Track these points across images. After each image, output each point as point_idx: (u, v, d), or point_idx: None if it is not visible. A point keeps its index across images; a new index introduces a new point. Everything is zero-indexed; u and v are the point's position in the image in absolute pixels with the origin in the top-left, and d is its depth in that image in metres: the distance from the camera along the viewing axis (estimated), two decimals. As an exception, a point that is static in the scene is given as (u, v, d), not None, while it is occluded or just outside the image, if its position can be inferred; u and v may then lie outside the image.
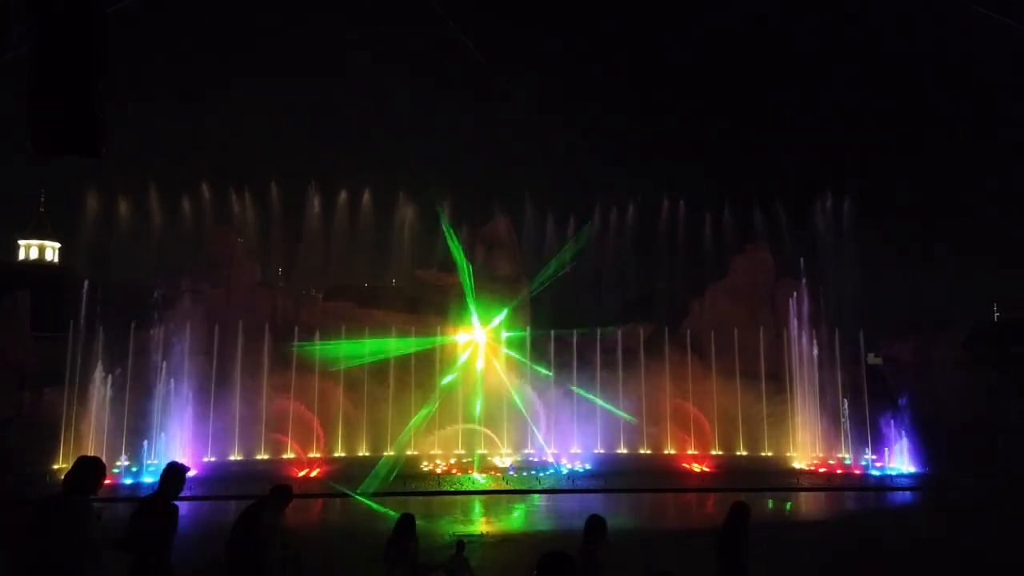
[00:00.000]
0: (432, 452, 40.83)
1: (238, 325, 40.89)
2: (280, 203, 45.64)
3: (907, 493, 34.41)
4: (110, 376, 36.65)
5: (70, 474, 6.52)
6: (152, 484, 31.80)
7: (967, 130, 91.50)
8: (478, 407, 42.88)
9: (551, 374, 44.13)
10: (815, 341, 43.03)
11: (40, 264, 64.63)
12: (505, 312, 45.86)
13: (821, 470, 39.80)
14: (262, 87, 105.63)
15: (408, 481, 33.68)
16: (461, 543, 10.97)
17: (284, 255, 47.72)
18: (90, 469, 6.53)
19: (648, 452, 42.96)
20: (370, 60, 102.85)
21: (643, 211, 48.59)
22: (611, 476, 35.51)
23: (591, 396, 42.83)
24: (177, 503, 7.63)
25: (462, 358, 44.81)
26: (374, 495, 29.34)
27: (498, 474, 37.72)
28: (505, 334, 45.82)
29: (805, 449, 42.16)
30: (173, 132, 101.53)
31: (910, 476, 37.98)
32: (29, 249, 66.25)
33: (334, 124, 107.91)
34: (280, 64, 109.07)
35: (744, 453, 43.06)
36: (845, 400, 41.80)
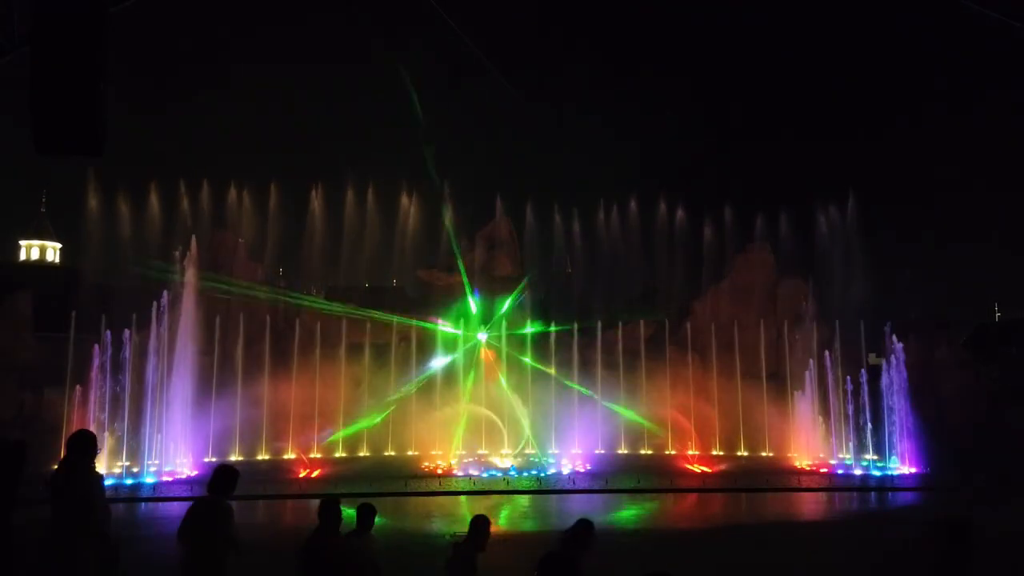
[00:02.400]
0: (433, 452, 40.81)
1: (239, 325, 41.03)
2: (281, 203, 45.69)
3: (908, 494, 34.40)
4: (111, 376, 36.67)
5: (213, 479, 7.52)
6: (152, 484, 31.98)
7: (970, 129, 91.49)
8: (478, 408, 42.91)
9: (552, 373, 44.18)
10: (816, 341, 43.02)
11: (41, 264, 64.71)
12: (505, 312, 45.99)
13: (823, 470, 39.81)
14: (262, 85, 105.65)
15: (408, 481, 33.68)
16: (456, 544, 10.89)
17: (285, 255, 47.74)
18: (230, 474, 7.56)
19: (649, 452, 43.00)
20: (372, 59, 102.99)
21: (644, 210, 48.61)
22: (612, 476, 35.54)
23: (588, 392, 42.95)
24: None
25: (464, 358, 44.89)
26: (369, 496, 29.32)
27: (498, 474, 37.77)
28: (506, 334, 45.89)
29: (806, 449, 42.16)
30: (172, 131, 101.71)
31: (911, 477, 37.99)
32: (30, 249, 66.33)
33: (336, 123, 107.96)
34: (280, 61, 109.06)
35: (745, 453, 43.07)
36: (846, 400, 41.77)
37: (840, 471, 39.51)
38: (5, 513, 6.84)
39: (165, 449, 36.25)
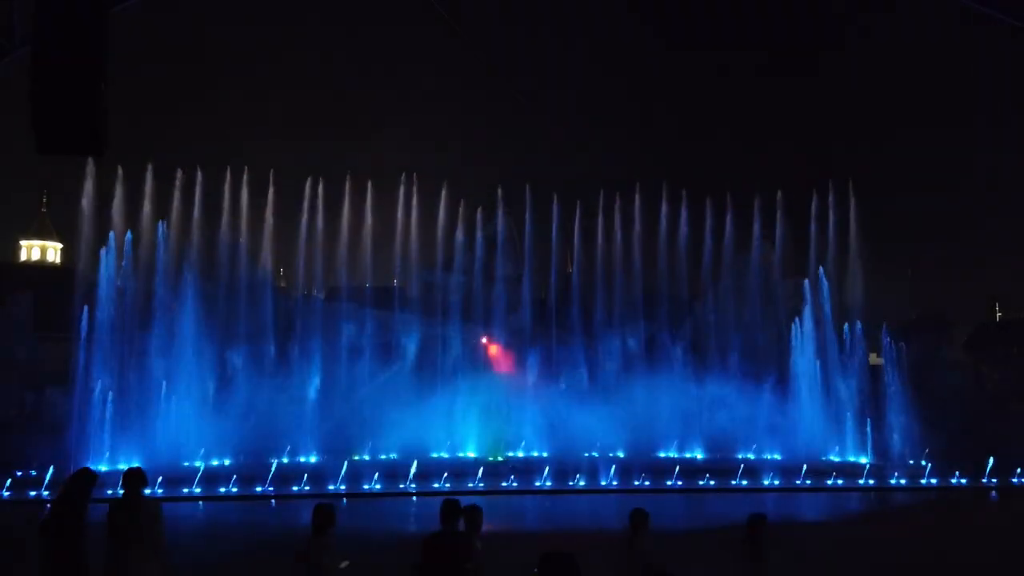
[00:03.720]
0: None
1: (239, 325, 41.02)
2: (281, 203, 45.54)
3: (908, 494, 34.42)
4: (112, 377, 36.64)
5: (314, 517, 8.13)
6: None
7: (970, 126, 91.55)
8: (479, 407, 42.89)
9: (551, 373, 44.22)
10: (816, 340, 43.00)
11: (42, 264, 64.78)
12: (505, 310, 46.09)
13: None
14: (262, 83, 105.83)
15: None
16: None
17: (285, 255, 47.60)
18: (329, 512, 8.19)
19: (650, 452, 42.92)
20: (374, 58, 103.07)
21: (645, 210, 48.50)
22: (612, 475, 35.51)
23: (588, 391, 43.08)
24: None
25: (463, 358, 44.92)
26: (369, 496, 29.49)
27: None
28: (507, 333, 45.91)
29: (807, 449, 42.07)
30: (171, 129, 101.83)
31: (910, 476, 37.96)
32: (31, 249, 66.41)
33: (337, 123, 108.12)
34: (281, 59, 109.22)
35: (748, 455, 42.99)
36: (847, 400, 41.75)
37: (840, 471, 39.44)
38: (80, 526, 7.68)
39: (165, 449, 36.23)
